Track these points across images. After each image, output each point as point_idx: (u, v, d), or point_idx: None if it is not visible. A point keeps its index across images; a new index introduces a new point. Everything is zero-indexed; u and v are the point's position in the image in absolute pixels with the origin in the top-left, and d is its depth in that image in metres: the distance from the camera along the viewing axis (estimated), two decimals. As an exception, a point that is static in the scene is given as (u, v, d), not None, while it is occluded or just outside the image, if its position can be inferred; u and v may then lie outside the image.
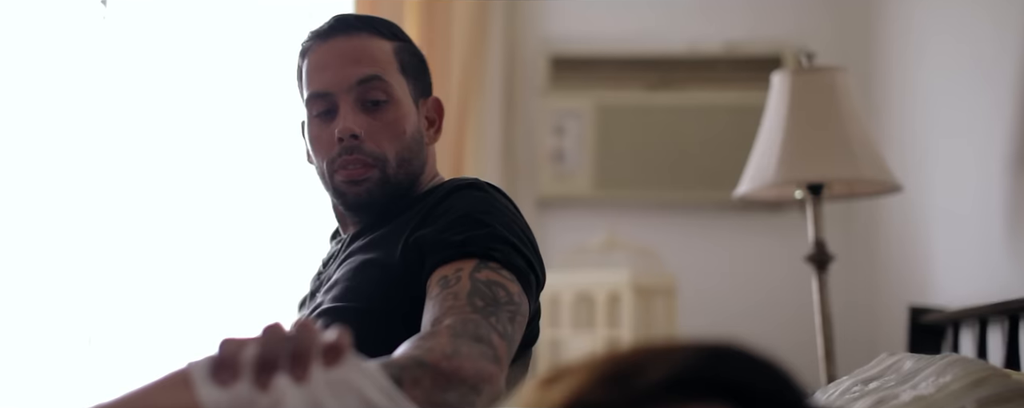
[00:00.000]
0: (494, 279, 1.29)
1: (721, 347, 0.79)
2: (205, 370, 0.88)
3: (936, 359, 1.31)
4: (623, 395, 0.75)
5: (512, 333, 1.27)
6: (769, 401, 0.75)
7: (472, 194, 1.43)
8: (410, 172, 1.48)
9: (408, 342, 1.16)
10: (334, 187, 1.48)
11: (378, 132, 1.45)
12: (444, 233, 1.34)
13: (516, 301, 1.30)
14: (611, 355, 0.81)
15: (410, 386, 1.06)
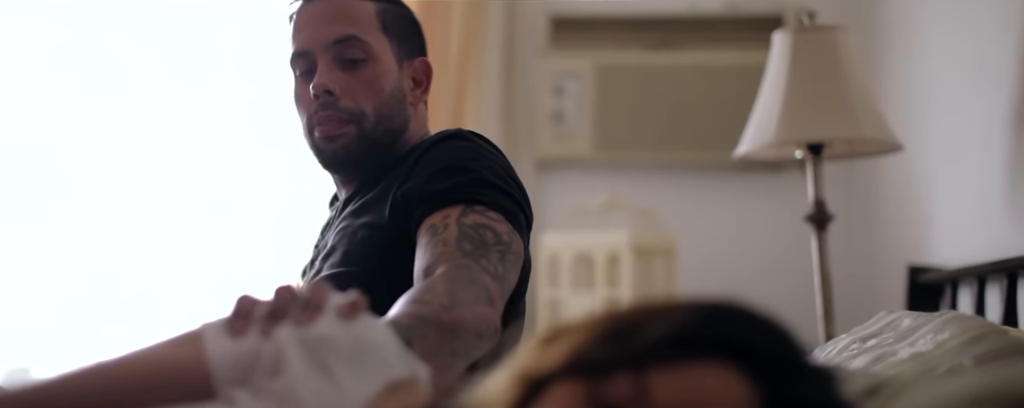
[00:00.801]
0: (481, 222, 1.31)
1: (721, 305, 0.79)
2: (217, 327, 0.89)
3: (934, 316, 1.32)
4: (623, 353, 0.76)
5: (504, 273, 1.28)
6: (769, 359, 0.75)
7: (454, 144, 1.44)
8: (390, 129, 1.49)
9: (405, 297, 1.17)
10: (313, 145, 1.50)
11: (354, 89, 1.46)
12: (429, 184, 1.35)
13: (505, 240, 1.31)
14: (611, 313, 0.82)
15: (419, 344, 1.08)
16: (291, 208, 2.92)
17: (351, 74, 1.47)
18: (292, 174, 2.89)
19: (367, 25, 1.48)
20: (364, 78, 1.47)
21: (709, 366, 0.74)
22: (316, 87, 1.46)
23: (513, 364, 0.82)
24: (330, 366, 0.88)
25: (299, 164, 1.63)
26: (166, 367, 0.88)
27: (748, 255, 3.10)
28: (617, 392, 0.74)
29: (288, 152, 2.77)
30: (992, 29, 2.22)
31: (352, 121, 1.46)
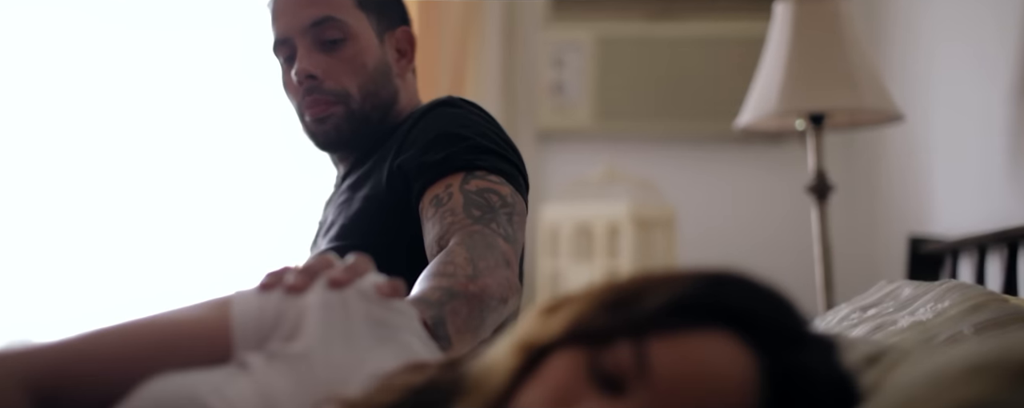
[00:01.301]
0: (484, 186, 1.31)
1: (721, 274, 0.80)
2: (247, 293, 0.90)
3: (934, 285, 1.32)
4: (622, 321, 0.76)
5: (514, 233, 1.29)
6: (769, 327, 0.75)
7: (445, 111, 1.43)
8: (378, 104, 1.49)
9: (428, 271, 1.17)
10: (306, 128, 1.51)
11: (337, 69, 1.47)
12: (425, 155, 1.35)
13: (510, 202, 1.32)
14: (611, 283, 0.82)
15: (451, 318, 1.09)
16: (299, 190, 2.92)
17: (331, 55, 1.47)
18: (299, 157, 2.88)
19: (342, 4, 1.48)
20: (345, 57, 1.47)
21: (709, 334, 0.74)
22: (298, 73, 1.46)
23: (515, 333, 0.82)
24: (349, 336, 0.88)
25: (305, 148, 1.62)
26: (187, 328, 0.88)
27: (748, 226, 3.10)
28: (617, 360, 0.74)
29: (293, 137, 2.76)
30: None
31: (339, 102, 1.47)
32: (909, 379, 0.72)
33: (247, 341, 0.87)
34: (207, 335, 0.88)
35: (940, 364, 0.70)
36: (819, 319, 1.53)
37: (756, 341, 0.74)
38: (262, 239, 2.95)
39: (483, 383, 0.80)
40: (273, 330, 0.88)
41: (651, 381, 0.72)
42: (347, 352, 0.88)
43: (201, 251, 2.91)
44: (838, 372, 0.77)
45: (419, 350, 0.92)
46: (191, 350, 0.87)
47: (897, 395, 0.70)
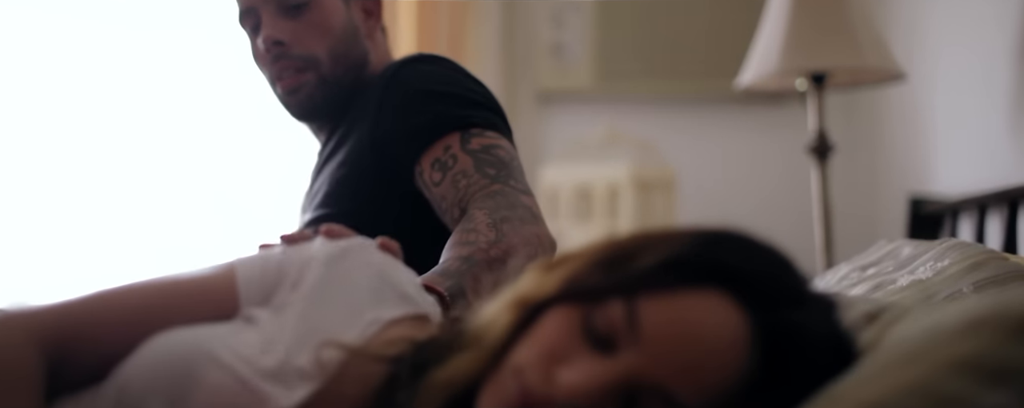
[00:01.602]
0: (487, 143, 1.29)
1: (718, 233, 0.79)
2: (249, 257, 0.92)
3: (934, 244, 1.32)
4: (616, 279, 0.76)
5: (528, 186, 1.28)
6: (763, 286, 0.75)
7: (420, 68, 1.41)
8: (349, 66, 1.47)
9: (452, 239, 1.17)
10: (280, 100, 1.49)
11: (303, 34, 1.44)
12: (410, 117, 1.33)
13: (514, 154, 1.31)
14: (608, 241, 0.82)
15: (472, 285, 1.08)
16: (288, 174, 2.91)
17: (297, 20, 1.44)
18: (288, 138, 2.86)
19: None
20: (311, 22, 1.44)
21: (702, 294, 0.74)
22: (264, 41, 1.44)
23: (512, 290, 0.82)
24: (351, 286, 0.89)
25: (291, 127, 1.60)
26: (192, 287, 0.89)
27: (749, 187, 3.09)
28: (609, 318, 0.74)
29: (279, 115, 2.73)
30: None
31: (309, 68, 1.44)
32: (907, 335, 0.72)
33: (252, 298, 0.88)
34: (213, 293, 0.89)
35: (938, 320, 0.70)
36: (819, 279, 1.53)
37: (751, 300, 0.74)
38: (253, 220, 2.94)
39: (481, 338, 0.80)
40: (277, 286, 0.89)
41: (642, 340, 0.72)
42: (349, 301, 0.89)
43: (193, 232, 2.90)
44: (835, 331, 0.77)
45: (420, 302, 0.92)
46: (197, 308, 0.88)
47: (895, 351, 0.70)
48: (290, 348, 0.84)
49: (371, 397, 0.84)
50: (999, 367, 0.62)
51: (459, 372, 0.78)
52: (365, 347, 0.86)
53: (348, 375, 0.84)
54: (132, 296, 0.88)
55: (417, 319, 0.91)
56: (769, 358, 0.73)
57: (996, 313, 0.65)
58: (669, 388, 0.71)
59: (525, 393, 0.73)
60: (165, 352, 0.83)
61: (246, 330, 0.86)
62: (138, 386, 0.81)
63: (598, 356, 0.74)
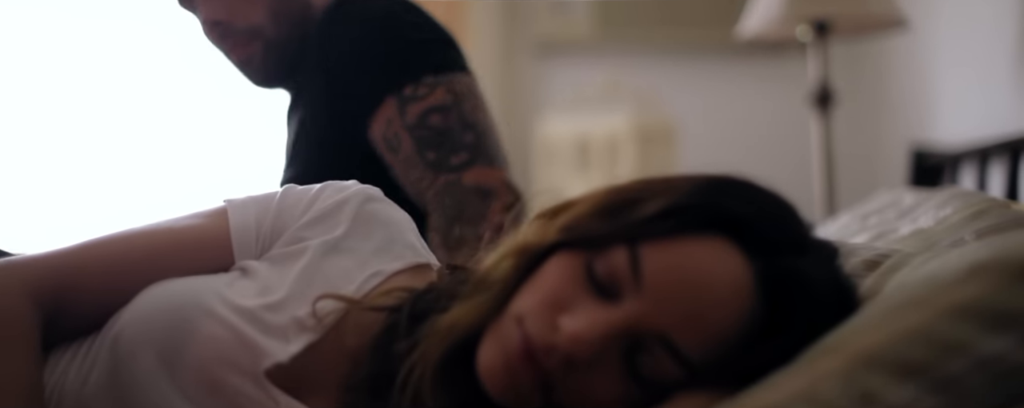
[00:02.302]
0: (421, 109, 1.29)
1: (720, 180, 0.79)
2: (239, 201, 0.91)
3: (936, 193, 1.31)
4: (618, 226, 0.75)
5: (476, 136, 1.29)
6: (765, 233, 0.75)
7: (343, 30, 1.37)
8: (293, 21, 1.43)
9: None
10: (240, 72, 1.46)
11: (239, 6, 1.41)
12: (346, 86, 1.33)
13: (450, 102, 1.30)
14: (610, 188, 0.81)
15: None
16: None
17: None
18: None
19: None
20: None
21: (704, 240, 0.74)
22: (204, 24, 1.42)
23: (516, 237, 0.82)
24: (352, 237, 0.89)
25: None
26: (187, 236, 0.88)
27: (750, 138, 3.08)
28: (611, 265, 0.74)
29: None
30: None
31: (254, 37, 1.41)
32: (908, 281, 0.72)
33: (247, 248, 0.88)
34: (208, 243, 0.88)
35: (939, 266, 0.70)
36: (820, 228, 1.53)
37: (753, 247, 0.74)
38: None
39: (482, 286, 0.80)
40: (274, 236, 0.88)
41: (644, 287, 0.72)
42: (350, 252, 0.88)
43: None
44: (837, 278, 0.77)
45: (421, 252, 0.92)
46: (193, 257, 0.87)
47: (896, 297, 0.70)
48: (288, 300, 0.84)
49: (370, 347, 0.84)
50: (1000, 312, 0.62)
51: (460, 320, 0.78)
52: (363, 299, 0.86)
53: (347, 327, 0.84)
54: (126, 245, 0.88)
55: (418, 269, 0.91)
56: (771, 305, 0.73)
57: (997, 258, 0.65)
58: (671, 335, 0.71)
59: (527, 341, 0.73)
60: (159, 303, 0.83)
61: (241, 282, 0.85)
62: (132, 337, 0.81)
63: (600, 303, 0.74)
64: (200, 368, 0.80)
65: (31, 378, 0.79)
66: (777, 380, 0.68)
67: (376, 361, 0.82)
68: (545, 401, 0.74)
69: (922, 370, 0.62)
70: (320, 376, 0.83)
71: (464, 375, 0.78)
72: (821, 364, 0.66)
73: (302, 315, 0.83)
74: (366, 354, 0.83)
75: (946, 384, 0.61)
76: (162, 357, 0.80)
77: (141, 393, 0.80)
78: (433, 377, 0.78)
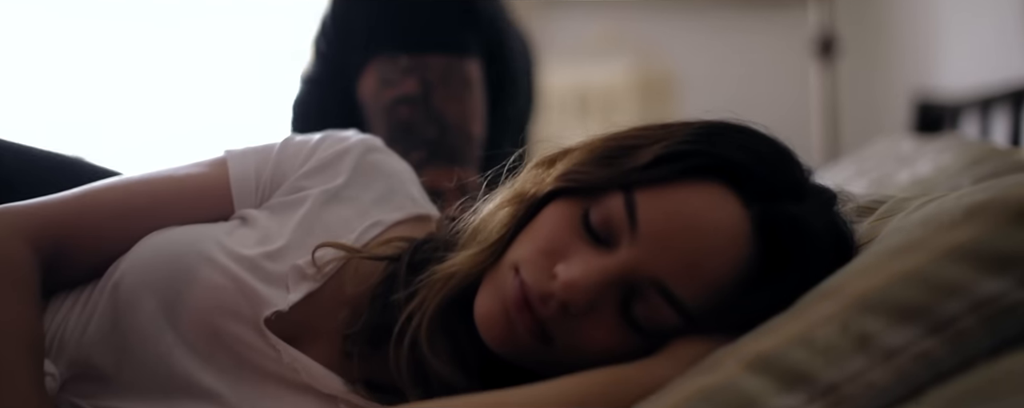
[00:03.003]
0: (394, 96, 1.29)
1: (718, 126, 0.78)
2: (239, 151, 0.90)
3: (935, 141, 1.31)
4: (615, 174, 0.75)
5: (446, 114, 1.28)
6: (763, 179, 0.74)
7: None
8: None
9: None
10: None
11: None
12: (350, 36, 1.33)
13: (429, 88, 1.29)
14: (608, 135, 0.81)
15: None
16: None
17: None
18: None
19: None
20: None
21: (700, 186, 0.73)
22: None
23: (514, 185, 0.82)
24: (358, 190, 0.89)
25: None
26: (186, 183, 0.88)
27: (751, 88, 3.06)
28: (607, 211, 0.74)
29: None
30: None
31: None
32: (904, 225, 0.72)
33: (247, 196, 0.88)
34: (208, 192, 0.88)
35: (935, 209, 0.70)
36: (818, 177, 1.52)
37: (750, 193, 0.74)
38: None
39: (480, 235, 0.80)
40: (274, 184, 0.88)
41: (640, 233, 0.72)
42: (350, 202, 0.88)
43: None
44: (834, 224, 0.77)
45: (421, 203, 0.92)
46: (192, 205, 0.87)
47: (893, 240, 0.70)
48: (288, 249, 0.84)
49: (369, 296, 0.84)
50: (997, 253, 0.62)
51: (458, 270, 0.79)
52: (362, 248, 0.86)
53: (346, 276, 0.85)
54: (126, 192, 0.87)
55: (418, 219, 0.91)
56: (768, 251, 0.73)
57: (994, 200, 0.65)
58: (667, 282, 0.71)
59: (524, 289, 0.73)
60: (159, 251, 0.83)
61: (241, 230, 0.85)
62: (132, 284, 0.81)
63: (596, 251, 0.73)
64: (200, 316, 0.80)
65: (31, 323, 0.79)
66: (774, 325, 0.68)
67: (375, 310, 0.83)
68: (542, 349, 0.75)
69: (919, 312, 0.62)
70: (320, 325, 0.84)
71: (462, 324, 0.79)
72: (818, 308, 0.66)
73: (302, 264, 0.84)
74: (365, 303, 0.84)
75: (943, 326, 0.61)
76: (162, 305, 0.80)
77: (142, 340, 0.80)
78: (431, 326, 0.79)
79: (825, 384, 0.61)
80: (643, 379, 0.71)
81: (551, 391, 0.70)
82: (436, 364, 0.78)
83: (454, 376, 0.78)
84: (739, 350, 0.68)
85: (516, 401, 0.69)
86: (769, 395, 0.62)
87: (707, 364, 0.69)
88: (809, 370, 0.62)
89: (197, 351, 0.80)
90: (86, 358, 0.81)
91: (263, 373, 0.81)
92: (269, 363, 0.81)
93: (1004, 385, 0.47)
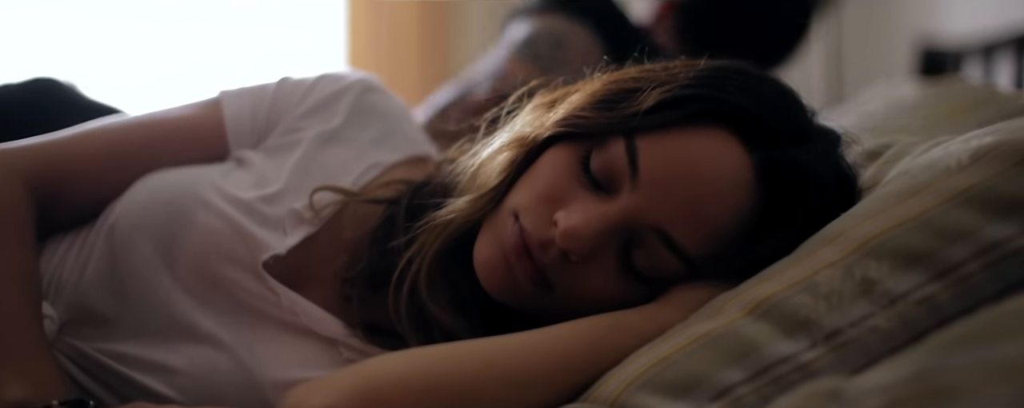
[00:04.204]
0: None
1: (721, 68, 0.77)
2: (235, 92, 0.89)
3: (937, 85, 1.29)
4: (616, 119, 0.74)
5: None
6: (765, 124, 0.73)
7: None
8: None
9: None
10: None
11: None
12: None
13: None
14: (609, 78, 0.79)
15: None
16: None
17: None
18: None
19: None
20: None
21: (701, 131, 0.72)
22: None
23: (514, 129, 0.81)
24: (356, 131, 0.88)
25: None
26: (183, 126, 0.87)
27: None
28: (608, 156, 0.73)
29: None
30: None
31: None
32: (909, 168, 0.71)
33: (243, 137, 0.87)
34: (202, 133, 0.87)
35: (941, 153, 0.68)
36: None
37: (753, 138, 0.72)
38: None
39: (479, 179, 0.79)
40: (270, 126, 0.87)
41: (641, 179, 0.71)
42: (347, 143, 0.87)
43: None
44: (837, 169, 0.76)
45: (419, 143, 0.91)
46: (187, 146, 0.86)
47: (898, 184, 0.69)
48: (285, 192, 0.83)
49: (367, 240, 0.83)
50: (1004, 197, 0.61)
51: (456, 215, 0.78)
52: (361, 191, 0.85)
53: (344, 219, 0.84)
54: (120, 133, 0.86)
55: (416, 160, 0.90)
56: (771, 197, 0.72)
57: (1001, 143, 0.64)
58: (668, 229, 0.71)
59: (523, 236, 0.73)
60: (155, 193, 0.82)
61: (237, 173, 0.84)
62: (128, 227, 0.80)
63: (597, 197, 0.72)
64: (197, 260, 0.80)
65: (27, 265, 0.78)
66: (777, 270, 0.68)
67: (373, 255, 0.82)
68: (542, 296, 0.74)
69: (923, 257, 0.61)
70: (318, 269, 0.83)
71: (461, 269, 0.78)
72: (822, 253, 0.65)
73: (299, 207, 0.83)
74: (363, 247, 0.83)
75: (948, 271, 0.60)
76: (159, 249, 0.80)
77: (139, 284, 0.80)
78: (430, 272, 0.78)
79: (828, 329, 0.61)
80: (644, 325, 0.71)
81: (551, 337, 0.70)
82: (436, 310, 0.78)
83: (454, 322, 0.78)
84: (741, 296, 0.67)
85: (516, 347, 0.69)
86: (771, 340, 0.62)
87: (708, 310, 0.68)
88: (811, 316, 0.62)
89: (195, 295, 0.80)
90: (84, 301, 0.80)
91: (262, 317, 0.80)
92: (268, 307, 0.80)
93: (1007, 325, 0.47)
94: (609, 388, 0.65)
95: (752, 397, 0.60)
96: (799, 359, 0.60)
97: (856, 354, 0.59)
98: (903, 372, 0.46)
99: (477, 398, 0.64)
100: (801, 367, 0.60)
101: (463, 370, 0.65)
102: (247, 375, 0.78)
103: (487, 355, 0.67)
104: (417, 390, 0.63)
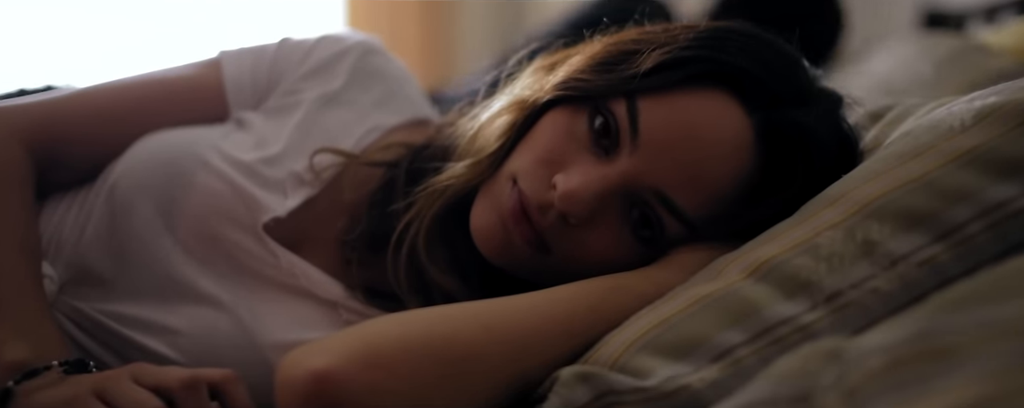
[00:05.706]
0: None
1: (722, 29, 0.76)
2: (234, 53, 0.89)
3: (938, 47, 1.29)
4: (617, 81, 0.73)
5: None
6: (766, 86, 0.72)
7: None
8: None
9: None
10: None
11: None
12: None
13: None
14: (609, 40, 0.79)
15: None
16: None
17: None
18: None
19: None
20: None
21: (702, 93, 0.71)
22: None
23: (513, 91, 0.80)
24: (357, 92, 0.87)
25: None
26: (183, 87, 0.87)
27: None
28: (607, 118, 0.72)
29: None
30: None
31: None
32: (911, 129, 0.70)
33: (243, 99, 0.86)
34: (201, 93, 0.86)
35: (944, 114, 0.68)
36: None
37: (754, 100, 0.72)
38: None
39: (479, 141, 0.78)
40: (271, 87, 0.87)
41: (641, 142, 0.70)
42: (348, 105, 0.87)
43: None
44: (839, 130, 0.75)
45: (420, 106, 0.90)
46: (186, 107, 0.86)
47: (900, 145, 0.68)
48: (285, 154, 0.83)
49: (367, 203, 0.83)
50: (1007, 158, 0.60)
51: (455, 180, 0.77)
52: (361, 154, 0.85)
53: (345, 181, 0.83)
54: (119, 93, 0.86)
55: (417, 123, 0.90)
56: (771, 160, 0.72)
57: (1004, 104, 0.63)
58: (668, 191, 0.70)
59: (521, 199, 0.72)
60: (155, 154, 0.81)
61: (237, 134, 0.84)
62: (128, 188, 0.80)
63: (596, 160, 0.72)
64: (197, 222, 0.79)
65: (28, 225, 0.78)
66: (778, 231, 0.67)
67: (373, 218, 0.82)
68: (540, 259, 0.74)
69: (925, 219, 0.61)
70: (318, 231, 0.83)
71: (460, 232, 0.78)
72: (823, 215, 0.65)
73: (300, 169, 0.82)
74: (363, 210, 0.83)
75: (950, 232, 0.60)
76: (159, 209, 0.79)
77: (140, 245, 0.79)
78: (429, 235, 0.78)
79: (829, 291, 0.61)
80: (644, 287, 0.70)
81: (552, 299, 0.70)
82: (435, 273, 0.78)
83: (453, 285, 0.78)
84: (742, 258, 0.67)
85: (516, 309, 0.69)
86: (772, 302, 0.62)
87: (709, 272, 0.68)
88: (812, 277, 0.62)
89: (195, 256, 0.80)
90: (84, 261, 0.80)
91: (262, 279, 0.80)
92: (268, 269, 0.80)
93: (1009, 285, 0.46)
94: (609, 350, 0.65)
95: (752, 358, 0.60)
96: (800, 321, 0.60)
97: (857, 316, 0.59)
98: (904, 332, 0.46)
99: (477, 360, 0.64)
100: (801, 328, 0.60)
101: (462, 332, 0.65)
102: (247, 336, 0.78)
103: (486, 317, 0.67)
104: (417, 352, 0.63)
